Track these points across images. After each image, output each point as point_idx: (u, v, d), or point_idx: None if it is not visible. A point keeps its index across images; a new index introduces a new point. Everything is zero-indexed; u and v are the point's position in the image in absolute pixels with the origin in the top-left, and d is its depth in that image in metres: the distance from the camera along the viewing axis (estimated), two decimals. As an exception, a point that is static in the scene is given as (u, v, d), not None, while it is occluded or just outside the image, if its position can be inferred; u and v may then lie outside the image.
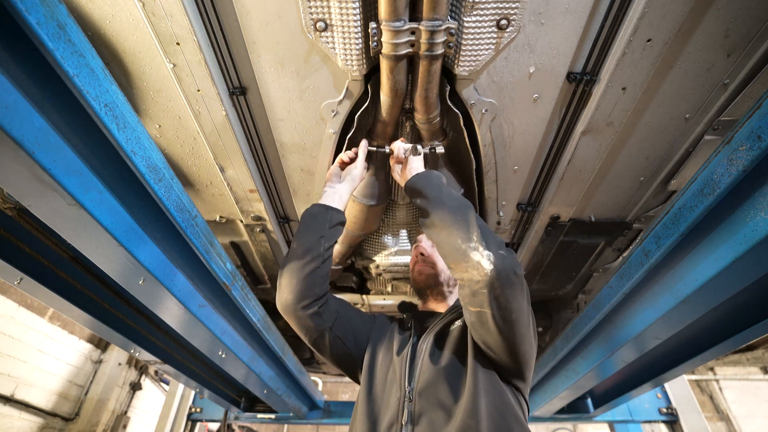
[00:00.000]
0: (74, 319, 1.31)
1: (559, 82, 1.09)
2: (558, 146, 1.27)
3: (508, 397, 0.93)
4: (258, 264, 1.92)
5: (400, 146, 1.19)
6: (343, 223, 1.14)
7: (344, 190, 1.18)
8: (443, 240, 0.95)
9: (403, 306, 1.38)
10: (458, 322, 1.09)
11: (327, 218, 1.09)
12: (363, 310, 2.19)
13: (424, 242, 1.34)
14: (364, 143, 1.22)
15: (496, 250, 0.87)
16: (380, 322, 1.23)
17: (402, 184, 1.18)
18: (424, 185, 1.07)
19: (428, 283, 1.27)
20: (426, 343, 1.05)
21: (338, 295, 2.22)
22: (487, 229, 0.94)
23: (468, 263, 0.87)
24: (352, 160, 1.19)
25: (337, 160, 1.20)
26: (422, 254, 1.31)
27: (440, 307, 1.26)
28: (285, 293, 1.04)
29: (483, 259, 0.85)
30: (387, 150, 1.24)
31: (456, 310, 1.16)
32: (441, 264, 1.28)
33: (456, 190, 1.42)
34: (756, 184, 0.78)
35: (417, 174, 1.12)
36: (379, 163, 1.35)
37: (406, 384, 0.97)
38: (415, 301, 1.60)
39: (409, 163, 1.18)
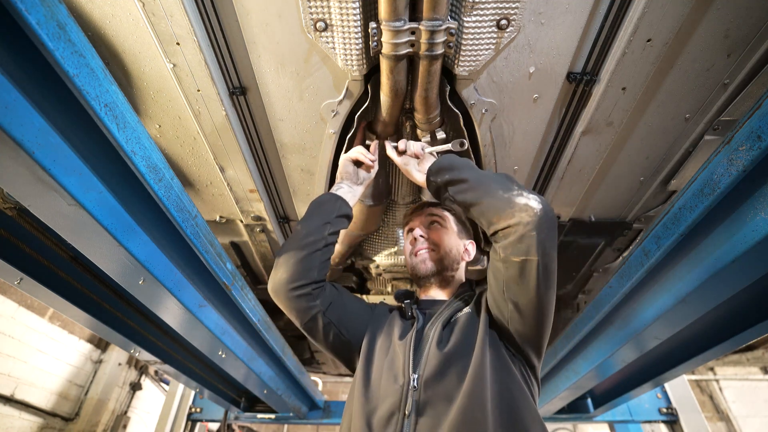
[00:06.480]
0: (74, 319, 1.31)
1: (559, 82, 1.09)
2: (558, 146, 1.27)
3: (519, 382, 0.92)
4: (258, 264, 1.92)
5: (415, 143, 1.17)
6: (349, 218, 1.14)
7: (359, 192, 1.19)
8: (481, 196, 0.95)
9: (401, 294, 1.28)
10: (466, 309, 1.07)
11: (335, 207, 1.10)
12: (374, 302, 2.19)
13: (420, 227, 1.27)
14: (377, 145, 1.22)
15: (537, 194, 0.90)
16: (379, 311, 1.21)
17: (420, 177, 1.13)
18: (451, 161, 1.06)
19: (434, 269, 1.20)
20: (433, 330, 1.02)
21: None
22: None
23: (514, 208, 0.88)
24: (369, 164, 1.20)
25: (352, 156, 1.18)
26: (422, 236, 1.24)
27: (442, 295, 1.21)
28: (280, 272, 1.04)
29: (530, 201, 0.88)
30: (393, 146, 1.20)
31: (462, 297, 1.15)
32: (444, 246, 1.22)
33: None
34: (756, 184, 0.78)
35: (440, 157, 1.12)
36: (379, 162, 1.35)
37: (411, 371, 0.93)
38: (411, 289, 1.56)
39: (428, 158, 1.16)
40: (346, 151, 1.28)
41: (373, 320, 1.16)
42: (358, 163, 1.20)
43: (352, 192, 1.17)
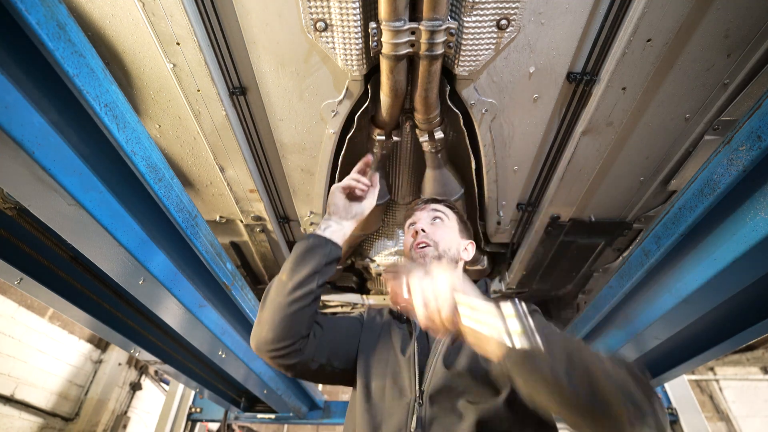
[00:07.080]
0: (74, 319, 1.31)
1: (559, 82, 1.09)
2: (558, 146, 1.27)
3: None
4: (258, 264, 1.92)
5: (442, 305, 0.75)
6: (338, 260, 1.02)
7: (349, 228, 1.05)
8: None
9: None
10: None
11: (325, 253, 0.96)
12: (361, 310, 2.19)
13: (422, 221, 1.20)
14: (376, 177, 1.11)
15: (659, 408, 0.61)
16: (369, 321, 1.16)
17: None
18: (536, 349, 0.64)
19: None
20: (439, 343, 0.98)
21: (338, 296, 2.22)
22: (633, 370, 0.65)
23: None
24: (362, 192, 1.06)
25: (344, 184, 1.05)
26: (423, 231, 1.16)
27: None
28: (265, 330, 0.92)
29: None
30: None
31: None
32: (444, 244, 1.14)
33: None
34: (756, 184, 0.78)
35: (519, 346, 0.64)
36: (378, 163, 1.35)
37: (417, 387, 0.91)
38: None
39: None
40: (345, 151, 1.28)
41: (364, 333, 1.11)
42: (351, 196, 1.07)
43: (341, 230, 1.03)
